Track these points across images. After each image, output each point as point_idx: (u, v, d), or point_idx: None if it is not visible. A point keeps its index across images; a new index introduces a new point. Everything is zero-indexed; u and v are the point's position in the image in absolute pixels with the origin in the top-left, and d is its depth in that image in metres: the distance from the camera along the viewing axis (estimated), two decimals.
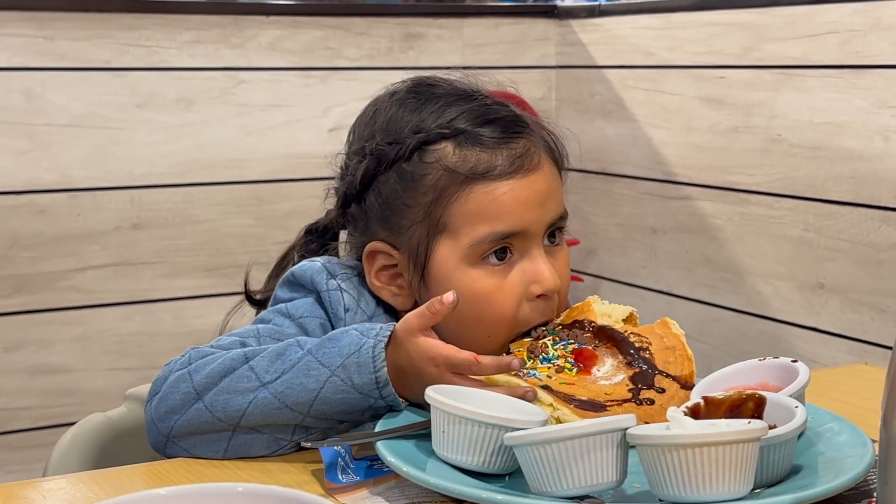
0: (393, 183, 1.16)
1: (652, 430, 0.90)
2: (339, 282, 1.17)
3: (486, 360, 1.03)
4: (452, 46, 2.72)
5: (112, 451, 1.28)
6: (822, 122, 2.20)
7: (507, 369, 1.03)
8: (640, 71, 2.64)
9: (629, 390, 1.07)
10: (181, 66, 2.46)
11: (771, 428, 0.91)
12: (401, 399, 1.05)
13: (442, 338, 1.07)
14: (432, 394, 0.97)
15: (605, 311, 1.17)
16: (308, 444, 1.03)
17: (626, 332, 1.13)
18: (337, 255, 1.27)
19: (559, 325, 1.15)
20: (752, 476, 0.88)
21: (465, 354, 1.03)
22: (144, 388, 1.35)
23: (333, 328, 1.15)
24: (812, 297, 2.26)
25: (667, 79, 2.56)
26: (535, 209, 1.14)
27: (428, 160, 1.14)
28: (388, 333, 1.05)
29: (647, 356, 1.10)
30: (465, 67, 1.28)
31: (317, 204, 1.33)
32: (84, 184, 2.41)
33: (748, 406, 0.98)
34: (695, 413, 0.97)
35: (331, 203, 1.26)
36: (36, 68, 2.35)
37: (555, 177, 1.19)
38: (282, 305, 1.18)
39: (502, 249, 1.14)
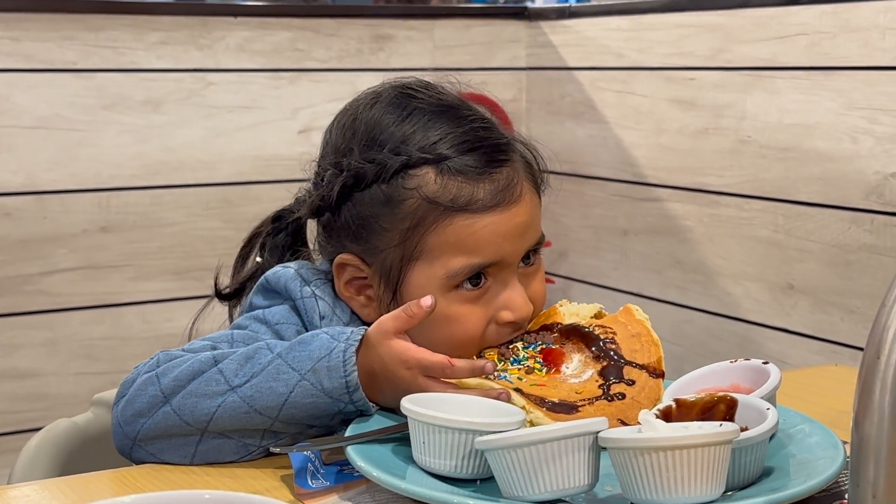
0: (370, 203, 1.14)
1: (623, 433, 0.90)
2: (314, 289, 1.16)
3: (459, 363, 1.02)
4: (423, 48, 2.72)
5: (79, 457, 1.27)
6: (791, 123, 2.21)
7: (480, 373, 1.02)
8: (610, 72, 2.64)
9: (599, 386, 1.07)
10: (149, 67, 2.44)
11: (742, 430, 0.91)
12: (371, 404, 1.05)
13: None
14: (406, 404, 0.96)
15: (573, 311, 1.16)
16: (277, 450, 1.02)
17: (590, 326, 1.13)
18: (309, 255, 1.26)
19: (526, 331, 1.15)
20: (724, 479, 0.88)
21: (439, 358, 1.02)
22: (111, 393, 1.33)
23: None
24: (782, 298, 2.26)
25: (637, 80, 2.57)
26: (514, 241, 1.13)
27: (408, 186, 1.12)
28: (360, 337, 1.04)
29: (614, 346, 1.10)
30: (435, 69, 1.27)
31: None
32: (51, 186, 2.38)
33: (720, 408, 0.97)
34: (666, 416, 0.97)
35: (301, 194, 1.25)
36: (2, 70, 2.32)
37: (535, 205, 1.17)
38: (258, 312, 1.17)
39: (477, 275, 1.12)
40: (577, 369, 1.09)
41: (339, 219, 1.17)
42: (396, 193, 1.12)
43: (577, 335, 1.12)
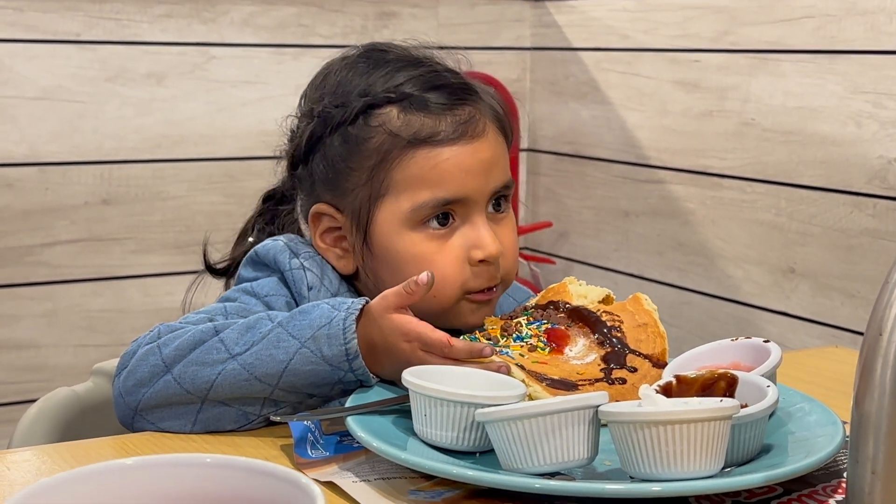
0: (338, 146, 1.17)
1: (624, 407, 0.90)
2: (302, 260, 1.17)
3: (457, 343, 1.02)
4: (427, 26, 2.71)
5: (78, 425, 1.27)
6: (795, 106, 2.21)
7: (478, 355, 1.02)
8: (615, 53, 2.64)
9: (601, 370, 1.07)
10: (152, 40, 2.43)
11: (742, 407, 0.91)
12: (371, 375, 1.05)
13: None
14: (408, 377, 0.96)
15: (581, 292, 1.16)
16: (277, 419, 1.02)
17: (598, 311, 1.13)
18: (298, 229, 1.27)
19: (534, 305, 1.15)
20: (724, 454, 0.88)
21: (438, 335, 1.02)
22: (111, 363, 1.34)
23: (298, 306, 1.14)
24: (783, 281, 2.26)
25: (641, 62, 2.56)
26: (477, 177, 1.15)
27: (372, 124, 1.15)
28: (360, 307, 1.04)
29: (619, 335, 1.10)
30: (440, 48, 1.27)
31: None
32: (52, 158, 2.38)
33: (720, 385, 0.98)
34: (667, 391, 0.97)
35: (283, 168, 1.26)
36: (4, 40, 2.32)
37: (500, 145, 1.19)
38: (247, 284, 1.18)
39: (444, 215, 1.15)
40: (581, 352, 1.09)
41: (311, 168, 1.19)
42: (362, 133, 1.15)
43: (584, 318, 1.12)
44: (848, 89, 2.10)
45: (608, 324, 1.11)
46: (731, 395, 0.96)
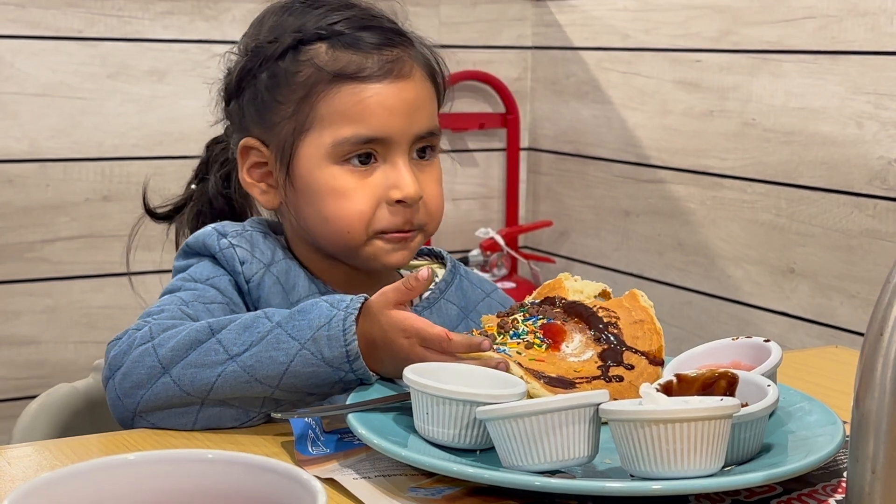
0: (267, 79, 1.19)
1: (625, 405, 0.90)
2: (230, 239, 1.19)
3: (456, 338, 1.02)
4: (429, 24, 2.71)
5: (78, 421, 1.27)
6: (796, 107, 2.21)
7: (476, 349, 1.02)
8: (616, 53, 2.64)
9: (598, 367, 1.06)
10: (154, 37, 2.43)
11: (743, 406, 0.91)
12: (372, 373, 1.05)
13: (305, 231, 1.18)
14: (409, 374, 0.96)
15: (577, 287, 1.16)
16: (278, 416, 1.02)
17: (594, 307, 1.13)
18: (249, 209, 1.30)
19: (530, 302, 1.15)
20: (724, 453, 0.88)
21: (437, 330, 1.02)
22: None
23: (238, 284, 1.17)
24: (783, 281, 2.27)
25: (643, 61, 2.56)
26: (401, 117, 1.16)
27: (301, 58, 1.17)
28: (359, 305, 1.04)
29: (616, 332, 1.10)
30: (441, 46, 1.28)
31: None
32: (54, 154, 2.38)
33: (720, 384, 0.98)
34: (667, 390, 0.97)
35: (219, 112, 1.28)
36: (6, 36, 2.32)
37: (428, 90, 1.21)
38: (185, 273, 1.19)
39: (366, 154, 1.17)
40: (578, 349, 1.09)
41: (242, 102, 1.21)
42: (291, 67, 1.17)
43: (580, 314, 1.12)
44: (849, 90, 2.10)
45: (604, 320, 1.11)
46: (732, 395, 0.96)
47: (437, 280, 1.26)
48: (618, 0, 2.61)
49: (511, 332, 1.10)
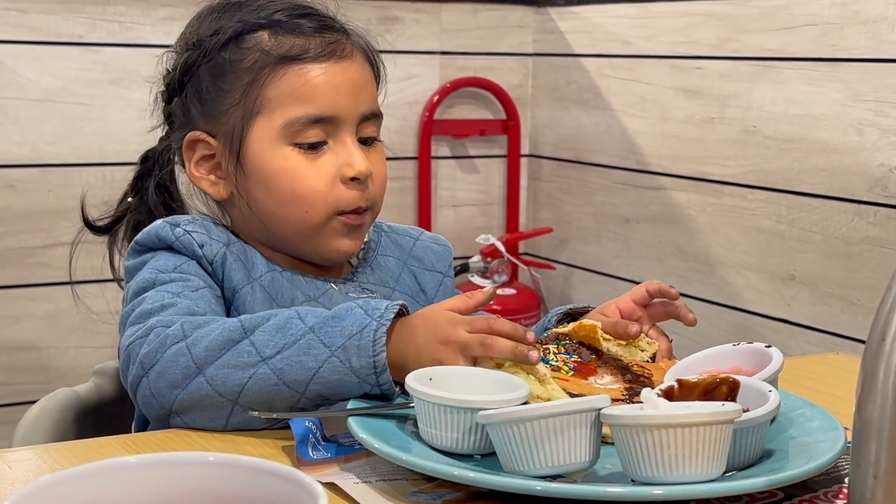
0: (211, 70, 1.20)
1: (626, 410, 0.90)
2: (184, 227, 1.18)
3: (501, 319, 1.03)
4: (430, 31, 2.71)
5: (79, 425, 1.27)
6: (797, 114, 2.21)
7: (521, 339, 1.01)
8: (616, 60, 2.64)
9: (622, 392, 1.07)
10: (155, 42, 2.43)
11: (744, 411, 0.91)
12: (396, 388, 1.04)
13: (259, 218, 1.19)
14: (410, 382, 0.96)
15: (617, 351, 1.16)
16: (275, 416, 1.02)
17: (630, 364, 1.13)
18: (174, 190, 1.31)
19: (566, 336, 1.14)
20: (725, 458, 0.88)
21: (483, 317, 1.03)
22: (112, 365, 1.34)
23: (202, 265, 1.16)
24: (783, 288, 2.27)
25: (643, 68, 2.56)
26: (347, 96, 1.19)
27: (245, 46, 1.20)
28: (392, 316, 1.04)
29: (647, 382, 1.11)
30: (442, 53, 1.29)
31: None
32: (55, 159, 2.38)
33: (722, 390, 0.98)
34: (669, 395, 0.97)
35: (158, 116, 1.30)
36: (8, 41, 2.32)
37: (369, 73, 1.24)
38: (149, 268, 1.16)
39: (316, 143, 1.19)
40: (605, 383, 1.10)
41: (185, 97, 1.22)
42: (234, 55, 1.20)
43: (615, 365, 1.12)
44: (849, 97, 2.10)
45: (637, 372, 1.11)
46: (733, 400, 0.96)
47: (366, 241, 1.29)
48: (619, 7, 2.61)
49: (541, 358, 1.10)
